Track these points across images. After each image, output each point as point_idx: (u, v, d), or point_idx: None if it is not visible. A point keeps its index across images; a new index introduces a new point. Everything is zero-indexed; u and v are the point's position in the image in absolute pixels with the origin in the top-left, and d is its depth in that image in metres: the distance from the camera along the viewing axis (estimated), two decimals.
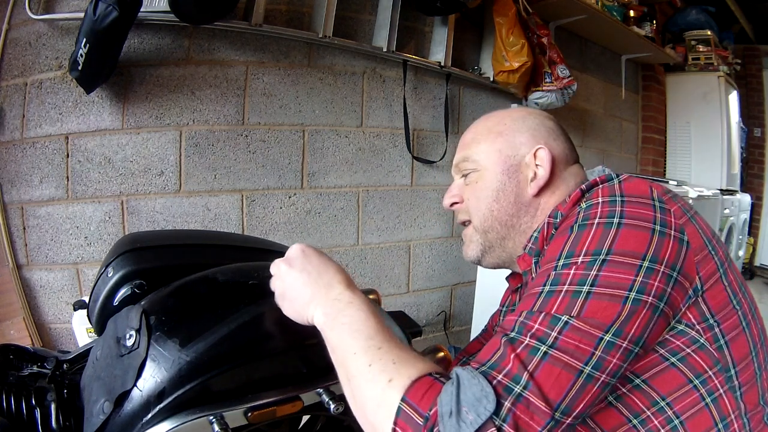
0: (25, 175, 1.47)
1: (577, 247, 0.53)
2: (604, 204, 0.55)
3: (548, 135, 0.74)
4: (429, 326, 2.28)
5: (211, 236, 1.13)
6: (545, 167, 0.71)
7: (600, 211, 0.55)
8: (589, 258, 0.51)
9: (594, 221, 0.54)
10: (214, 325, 0.63)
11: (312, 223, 1.91)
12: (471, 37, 2.30)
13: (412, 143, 2.09)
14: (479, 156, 0.75)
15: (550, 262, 0.55)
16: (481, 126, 0.78)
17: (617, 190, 0.57)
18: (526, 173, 0.72)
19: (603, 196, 0.57)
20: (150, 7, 1.45)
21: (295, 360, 0.69)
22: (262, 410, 0.63)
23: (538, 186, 0.71)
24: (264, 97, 1.77)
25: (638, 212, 0.53)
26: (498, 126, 0.76)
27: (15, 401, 0.67)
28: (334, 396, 0.68)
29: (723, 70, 3.46)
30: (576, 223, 0.56)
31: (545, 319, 0.49)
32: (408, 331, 0.88)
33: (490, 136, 0.75)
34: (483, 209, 0.74)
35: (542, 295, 0.52)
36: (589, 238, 0.53)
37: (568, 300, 0.49)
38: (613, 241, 0.51)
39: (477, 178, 0.75)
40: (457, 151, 0.80)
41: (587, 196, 0.60)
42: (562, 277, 0.51)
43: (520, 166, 0.73)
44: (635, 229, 0.52)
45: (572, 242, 0.54)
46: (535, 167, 0.72)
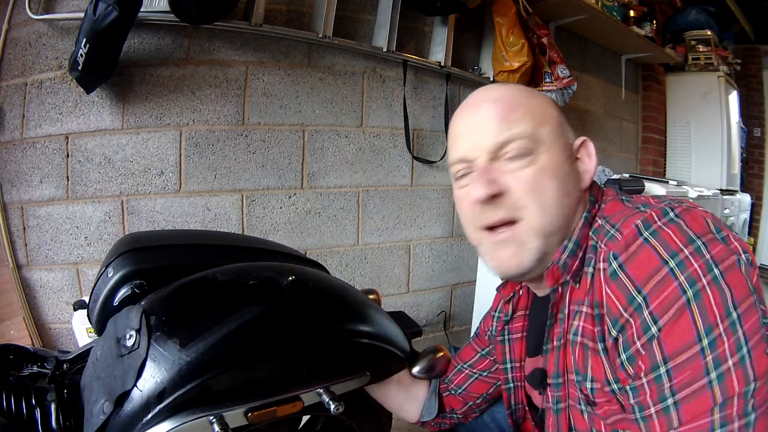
0: (25, 175, 1.47)
1: (710, 318, 0.50)
2: (694, 257, 0.52)
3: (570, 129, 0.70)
4: (429, 326, 2.28)
5: (211, 236, 1.13)
6: (594, 159, 0.66)
7: (699, 268, 0.51)
8: (728, 322, 0.50)
9: (703, 281, 0.51)
10: (214, 325, 0.63)
11: (312, 223, 1.91)
12: (471, 37, 2.30)
13: (412, 143, 2.09)
14: (543, 132, 0.63)
15: (691, 347, 0.50)
16: (524, 97, 0.65)
17: (690, 232, 0.53)
18: (576, 162, 0.66)
19: (682, 243, 0.52)
20: (150, 7, 1.45)
21: (295, 360, 0.69)
22: (263, 410, 0.63)
23: (591, 177, 0.65)
24: (264, 97, 1.76)
25: (720, 252, 0.52)
26: (545, 104, 0.66)
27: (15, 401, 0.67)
28: (334, 396, 0.68)
29: (723, 70, 3.46)
30: (686, 290, 0.51)
31: (738, 401, 0.49)
32: (408, 331, 0.88)
33: (547, 114, 0.65)
34: (552, 206, 0.61)
35: (713, 384, 0.49)
36: (714, 304, 0.50)
37: (741, 370, 0.49)
38: (732, 294, 0.51)
39: (540, 161, 0.62)
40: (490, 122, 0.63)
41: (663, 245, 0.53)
42: (721, 356, 0.49)
43: (573, 154, 0.66)
44: (731, 270, 0.52)
45: (702, 317, 0.50)
46: (581, 157, 0.66)
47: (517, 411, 0.80)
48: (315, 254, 1.92)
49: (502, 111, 0.63)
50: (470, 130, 0.65)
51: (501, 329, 0.80)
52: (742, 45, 4.11)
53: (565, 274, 0.62)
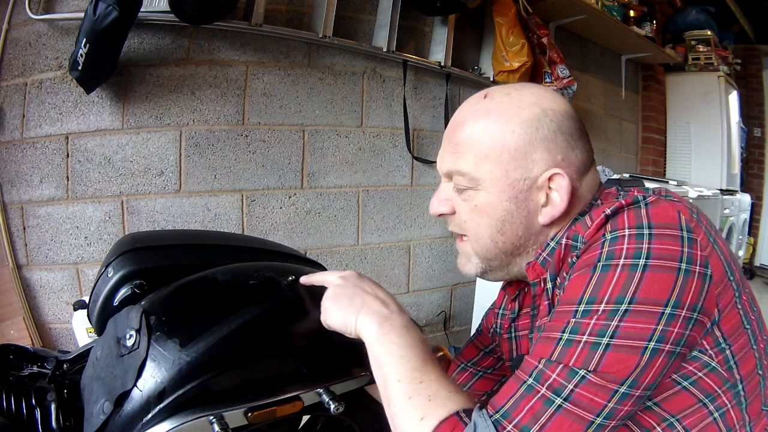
0: (25, 175, 1.47)
1: (599, 293, 0.50)
2: (630, 238, 0.51)
3: (566, 144, 0.62)
4: (429, 326, 2.28)
5: (211, 236, 1.13)
6: (563, 197, 0.60)
7: (626, 249, 0.51)
8: (611, 307, 0.49)
9: (619, 262, 0.51)
10: (214, 325, 0.63)
11: (312, 223, 1.91)
12: (471, 37, 2.30)
13: (412, 143, 2.09)
14: (479, 174, 0.62)
15: (570, 304, 0.52)
16: (480, 127, 0.62)
17: (644, 218, 0.53)
18: (537, 198, 0.62)
19: (630, 226, 0.52)
20: (150, 7, 1.45)
21: (295, 360, 0.69)
22: (263, 410, 0.63)
23: (552, 217, 0.62)
24: (264, 97, 1.77)
25: (665, 249, 0.50)
26: (504, 135, 0.61)
27: (15, 401, 0.67)
28: (335, 396, 0.68)
29: (723, 70, 3.46)
30: (599, 262, 0.52)
31: (563, 371, 0.49)
32: None
33: (494, 151, 0.61)
34: (485, 239, 0.64)
35: (561, 343, 0.51)
36: (613, 284, 0.50)
37: (587, 352, 0.49)
38: (637, 288, 0.49)
39: (476, 200, 0.63)
40: (446, 149, 0.66)
41: (612, 223, 0.54)
42: (582, 327, 0.50)
43: (531, 190, 0.61)
44: (661, 271, 0.50)
45: (594, 286, 0.51)
46: (548, 190, 0.61)
47: None
48: (315, 254, 1.92)
49: (454, 140, 0.65)
50: (442, 142, 0.69)
51: (508, 326, 0.79)
52: (742, 45, 4.12)
53: (546, 269, 0.63)
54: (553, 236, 0.63)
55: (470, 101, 0.67)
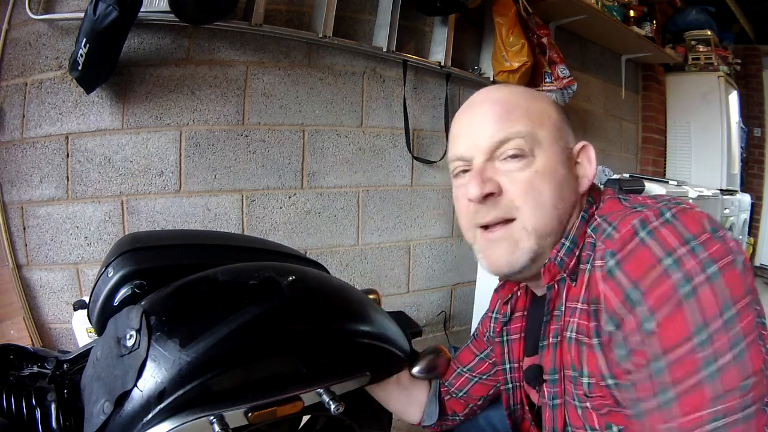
0: (25, 175, 1.47)
1: (707, 316, 0.50)
2: (690, 256, 0.52)
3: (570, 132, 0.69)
4: (429, 326, 2.28)
5: (211, 236, 1.13)
6: (593, 165, 0.66)
7: (696, 266, 0.51)
8: (725, 317, 0.50)
9: (700, 279, 0.51)
10: (214, 325, 0.63)
11: (312, 223, 1.91)
12: (471, 37, 2.30)
13: (412, 143, 2.09)
14: (541, 134, 0.63)
15: (682, 346, 0.50)
16: (524, 99, 0.65)
17: (685, 231, 0.53)
18: (575, 166, 0.66)
19: (681, 243, 0.53)
20: (150, 7, 1.45)
21: (295, 360, 0.69)
22: (263, 410, 0.63)
23: (590, 182, 0.66)
24: (264, 97, 1.76)
25: (716, 251, 0.52)
26: (547, 106, 0.66)
27: (15, 401, 0.67)
28: (335, 396, 0.68)
29: (723, 70, 3.46)
30: (681, 290, 0.51)
31: (733, 395, 0.49)
32: (408, 331, 0.88)
33: (546, 116, 0.65)
34: (548, 207, 0.62)
35: (708, 381, 0.49)
36: (712, 300, 0.50)
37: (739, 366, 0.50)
38: (726, 291, 0.51)
39: (536, 164, 0.62)
40: (488, 121, 0.64)
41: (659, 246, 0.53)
42: (715, 353, 0.49)
43: (571, 159, 0.66)
44: (729, 269, 0.52)
45: (697, 313, 0.50)
46: (577, 162, 0.66)
47: (515, 411, 0.80)
48: (315, 254, 1.92)
49: (501, 111, 0.64)
50: (469, 130, 0.66)
51: (499, 330, 0.80)
52: (742, 45, 4.12)
53: (562, 271, 0.63)
54: (566, 233, 0.64)
55: (489, 89, 0.70)
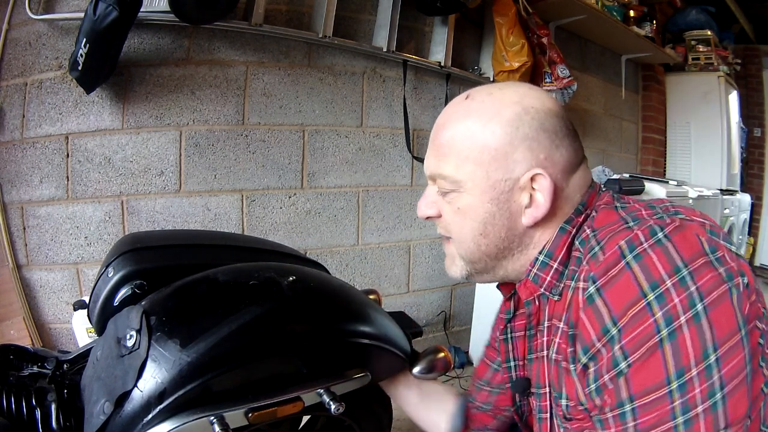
0: (25, 175, 1.47)
1: (683, 362, 0.47)
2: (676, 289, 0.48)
3: (550, 143, 0.60)
4: (429, 326, 2.28)
5: (211, 236, 1.13)
6: (545, 197, 0.59)
7: (680, 303, 0.48)
8: (703, 365, 0.47)
9: (681, 321, 0.47)
10: (214, 325, 0.63)
11: (312, 223, 1.91)
12: (471, 37, 2.30)
13: (412, 143, 2.09)
14: (461, 176, 0.61)
15: (656, 391, 0.48)
16: (461, 129, 0.62)
17: (676, 257, 0.49)
18: (519, 200, 0.61)
19: (668, 273, 0.48)
20: (150, 7, 1.45)
21: (295, 360, 0.69)
22: (263, 411, 0.63)
23: (535, 218, 0.60)
24: (264, 97, 1.76)
25: (708, 281, 0.49)
26: (484, 135, 0.60)
27: (15, 401, 0.67)
28: (335, 396, 0.68)
29: (723, 70, 3.46)
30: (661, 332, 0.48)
31: None
32: (408, 331, 0.88)
33: (474, 152, 0.60)
34: (468, 242, 0.64)
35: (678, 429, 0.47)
36: (690, 345, 0.47)
37: (712, 417, 0.47)
38: (712, 333, 0.47)
39: (458, 201, 0.63)
40: (430, 153, 0.66)
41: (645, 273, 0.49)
42: (690, 401, 0.47)
43: (512, 191, 0.60)
44: (718, 303, 0.48)
45: (674, 359, 0.47)
46: (532, 190, 0.60)
47: (522, 407, 0.80)
48: (315, 254, 1.92)
49: (435, 144, 0.65)
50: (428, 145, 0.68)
51: (503, 327, 0.79)
52: (742, 45, 4.12)
53: (538, 287, 0.62)
54: (541, 248, 0.62)
55: (453, 103, 0.66)
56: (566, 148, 0.61)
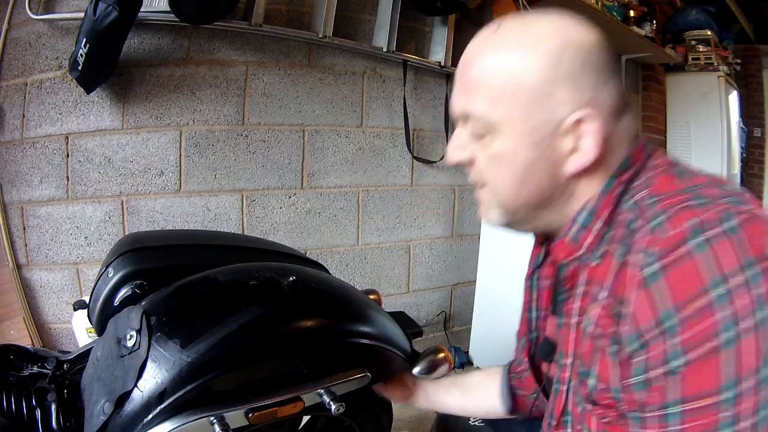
0: (25, 175, 1.47)
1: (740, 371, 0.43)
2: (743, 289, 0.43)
3: (595, 81, 0.53)
4: (429, 326, 2.28)
5: (211, 236, 1.13)
6: (594, 144, 0.52)
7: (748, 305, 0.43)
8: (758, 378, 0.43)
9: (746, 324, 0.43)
10: (215, 325, 0.63)
11: (312, 223, 1.91)
12: (471, 37, 2.29)
13: (412, 143, 2.09)
14: (494, 117, 0.54)
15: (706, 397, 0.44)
16: (492, 62, 0.55)
17: (748, 251, 0.44)
18: (563, 145, 0.54)
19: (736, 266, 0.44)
20: (150, 7, 1.45)
21: (296, 360, 0.69)
22: (263, 411, 0.63)
23: (582, 166, 0.54)
24: (264, 97, 1.76)
25: None
26: (521, 70, 0.53)
27: (15, 401, 0.67)
28: (335, 397, 0.68)
29: (723, 70, 3.46)
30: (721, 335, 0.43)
31: None
32: (408, 331, 0.88)
33: (510, 88, 0.53)
34: (506, 191, 0.57)
35: None
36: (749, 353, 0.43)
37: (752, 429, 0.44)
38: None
39: (493, 146, 0.56)
40: (458, 90, 0.59)
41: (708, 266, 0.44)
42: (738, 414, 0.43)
43: (555, 136, 0.54)
44: None
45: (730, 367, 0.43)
46: (576, 135, 0.53)
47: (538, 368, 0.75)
48: (315, 254, 1.92)
49: (464, 78, 0.58)
50: (454, 82, 0.61)
51: (530, 273, 0.73)
52: (742, 45, 4.12)
53: (576, 249, 0.57)
54: (583, 205, 0.56)
55: (481, 34, 0.58)
56: (613, 87, 0.55)
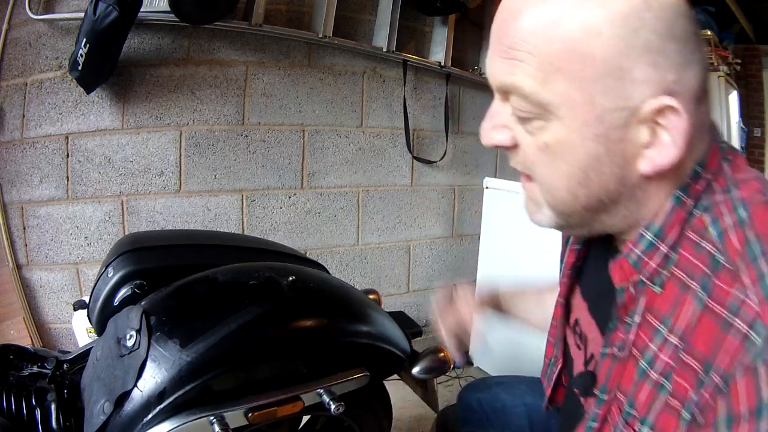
0: (25, 175, 1.47)
1: None
2: None
3: (680, 57, 0.40)
4: (429, 326, 2.28)
5: (211, 236, 1.13)
6: (678, 139, 0.40)
7: None
8: None
9: None
10: (214, 325, 0.63)
11: (312, 223, 1.91)
12: (471, 37, 2.30)
13: (412, 143, 2.09)
14: (548, 96, 0.41)
15: None
16: (546, 21, 0.40)
17: None
18: (635, 138, 0.41)
19: None
20: (150, 7, 1.45)
21: (295, 360, 0.69)
22: (263, 411, 0.63)
23: (659, 167, 0.42)
24: (264, 97, 1.76)
25: None
26: (587, 39, 0.39)
27: (15, 401, 0.67)
28: (335, 396, 0.68)
29: (723, 70, 3.46)
30: None
31: None
32: (408, 331, 0.88)
33: (572, 58, 0.40)
34: (560, 190, 0.46)
35: None
36: None
37: None
38: None
39: (545, 134, 0.44)
40: (495, 54, 0.44)
41: None
42: None
43: (628, 126, 0.41)
44: None
45: None
46: (655, 124, 0.41)
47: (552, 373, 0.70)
48: (315, 254, 1.92)
49: (506, 39, 0.42)
50: (489, 43, 0.46)
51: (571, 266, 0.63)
52: (742, 45, 4.11)
53: (638, 273, 0.46)
54: (651, 218, 0.45)
55: None
56: (698, 64, 0.42)
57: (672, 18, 0.40)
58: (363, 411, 0.86)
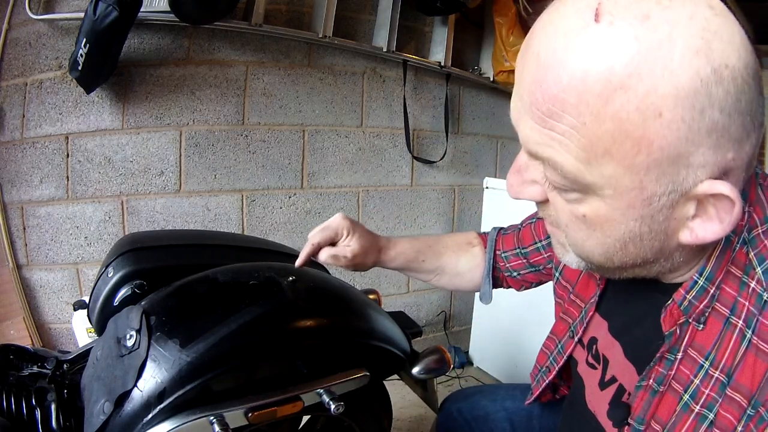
0: (25, 175, 1.47)
1: None
2: None
3: (742, 131, 0.36)
4: (429, 326, 2.28)
5: (211, 236, 1.13)
6: (725, 225, 0.38)
7: None
8: None
9: None
10: (214, 325, 0.63)
11: (312, 223, 1.91)
12: (471, 37, 2.30)
13: (412, 143, 2.09)
14: (593, 178, 0.38)
15: None
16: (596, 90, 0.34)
17: None
18: (681, 213, 0.39)
19: None
20: (150, 7, 1.45)
21: (295, 360, 0.69)
22: (263, 410, 0.63)
23: (703, 241, 0.40)
24: (264, 97, 1.76)
25: None
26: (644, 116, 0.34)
27: (15, 401, 0.67)
28: (335, 396, 0.68)
29: None
30: None
31: None
32: (408, 331, 0.88)
33: (622, 143, 0.35)
34: (594, 255, 0.44)
35: None
36: None
37: None
38: None
39: (584, 207, 0.41)
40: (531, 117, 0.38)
41: None
42: None
43: (675, 206, 0.38)
44: None
45: None
46: (704, 204, 0.38)
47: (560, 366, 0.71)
48: None
49: (545, 103, 0.36)
50: (514, 91, 0.41)
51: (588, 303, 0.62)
52: None
53: (687, 316, 0.45)
54: (698, 267, 0.44)
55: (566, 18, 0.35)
56: (757, 131, 0.37)
57: (741, 88, 0.34)
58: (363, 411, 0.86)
